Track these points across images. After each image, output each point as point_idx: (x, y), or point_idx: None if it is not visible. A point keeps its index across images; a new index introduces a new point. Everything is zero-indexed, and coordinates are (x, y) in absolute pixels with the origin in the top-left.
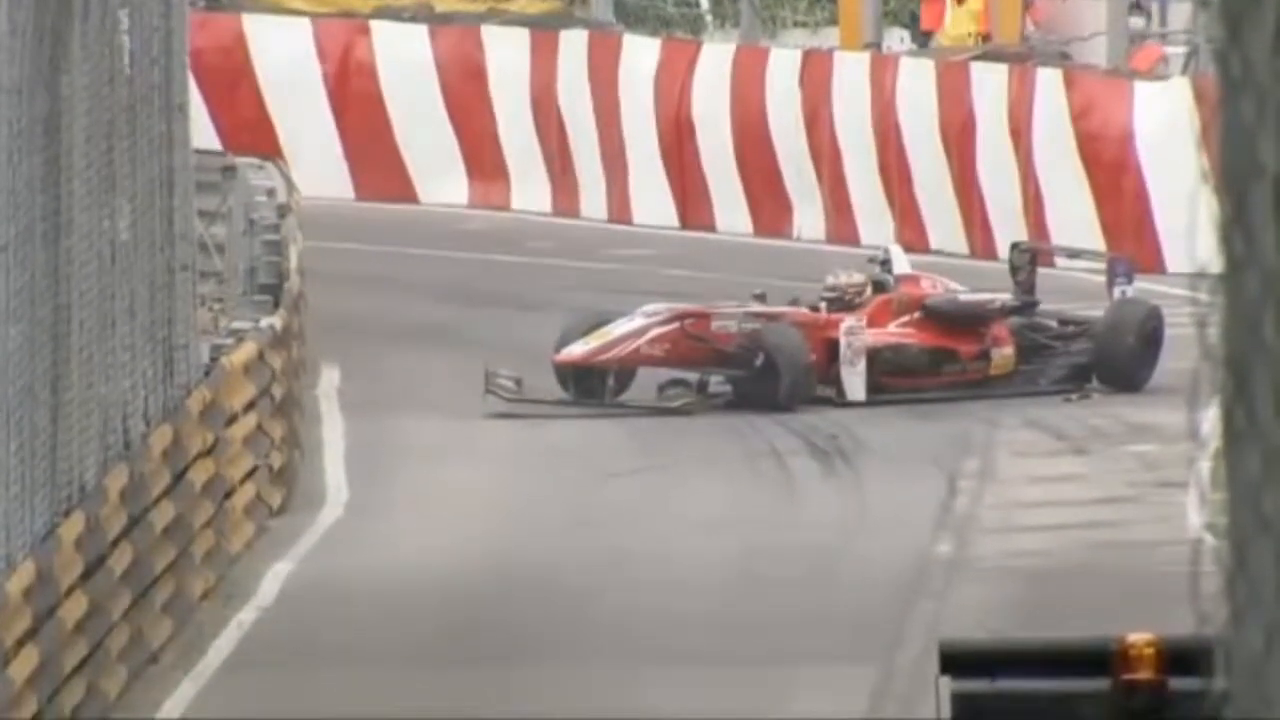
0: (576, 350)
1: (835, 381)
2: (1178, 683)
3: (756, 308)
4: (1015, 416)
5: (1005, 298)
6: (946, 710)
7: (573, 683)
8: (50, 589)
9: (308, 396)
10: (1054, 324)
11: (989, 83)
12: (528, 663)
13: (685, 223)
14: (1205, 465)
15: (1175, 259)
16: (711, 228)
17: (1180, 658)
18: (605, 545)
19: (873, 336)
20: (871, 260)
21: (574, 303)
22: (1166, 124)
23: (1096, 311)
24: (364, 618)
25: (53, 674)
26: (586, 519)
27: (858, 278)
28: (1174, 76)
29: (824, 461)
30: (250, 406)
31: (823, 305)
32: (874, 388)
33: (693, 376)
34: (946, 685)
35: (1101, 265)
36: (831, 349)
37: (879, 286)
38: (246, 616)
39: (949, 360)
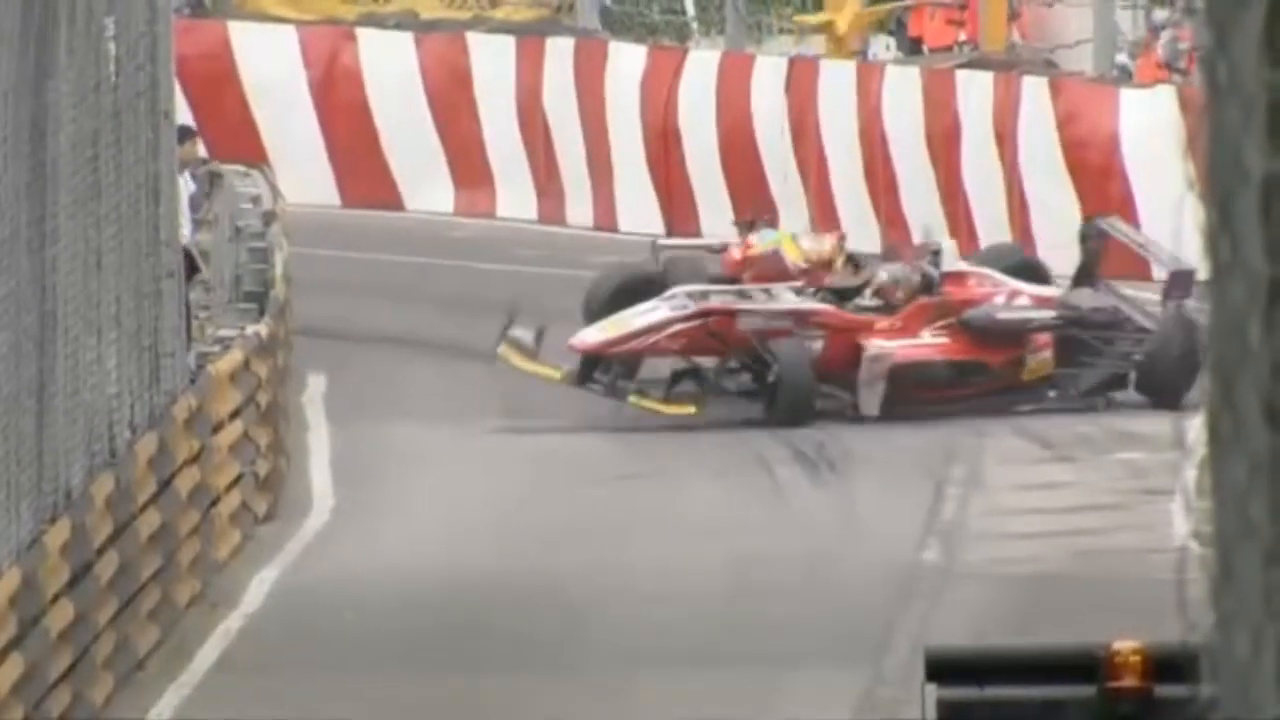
0: (591, 338)
1: (852, 388)
2: (1164, 690)
3: (788, 305)
4: (1003, 425)
5: (1046, 315)
6: (933, 716)
7: (562, 688)
8: (36, 596)
9: (294, 403)
10: (1110, 311)
11: (974, 90)
12: (516, 668)
13: (671, 230)
14: (1191, 472)
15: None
16: (697, 234)
17: (1166, 665)
18: (596, 551)
19: (899, 351)
20: (922, 248)
21: (560, 308)
22: (1152, 131)
23: (1149, 323)
24: (350, 624)
25: (39, 682)
26: (576, 525)
27: (914, 277)
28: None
29: (811, 469)
30: (236, 414)
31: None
32: (893, 399)
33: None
34: (932, 692)
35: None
36: (856, 354)
37: (926, 281)
38: (232, 623)
39: (977, 372)
